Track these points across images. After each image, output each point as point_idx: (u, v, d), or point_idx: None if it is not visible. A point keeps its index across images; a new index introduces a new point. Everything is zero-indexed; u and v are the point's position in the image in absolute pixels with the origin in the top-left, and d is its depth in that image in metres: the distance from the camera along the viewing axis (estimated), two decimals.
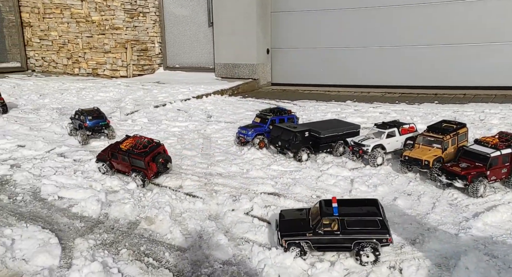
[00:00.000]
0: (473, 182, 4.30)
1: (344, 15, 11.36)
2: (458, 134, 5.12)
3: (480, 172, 4.37)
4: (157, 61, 13.57)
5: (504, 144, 4.48)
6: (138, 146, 4.68)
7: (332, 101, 9.51)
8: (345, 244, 3.32)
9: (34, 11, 13.15)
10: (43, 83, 11.11)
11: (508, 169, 4.49)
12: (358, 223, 3.30)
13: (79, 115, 6.23)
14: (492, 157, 4.40)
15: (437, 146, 4.95)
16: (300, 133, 5.56)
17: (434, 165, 4.81)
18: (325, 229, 3.32)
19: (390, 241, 3.29)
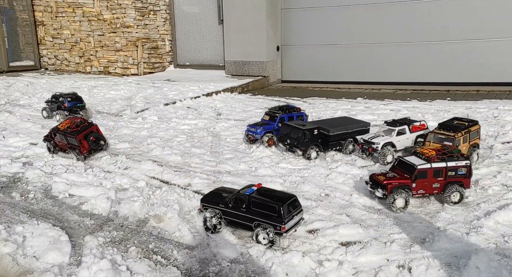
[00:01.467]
0: (392, 192, 4.03)
1: (355, 11, 11.25)
2: (470, 132, 5.03)
3: (403, 183, 4.10)
4: (167, 59, 13.63)
5: (441, 157, 4.11)
6: (71, 126, 5.38)
7: (343, 98, 9.44)
8: (247, 222, 3.65)
9: (47, 10, 13.31)
10: (56, 82, 11.26)
11: (441, 183, 4.13)
12: (261, 206, 3.59)
13: (57, 98, 7.19)
14: (419, 169, 4.06)
15: (448, 143, 4.87)
16: (309, 131, 5.54)
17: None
18: (234, 204, 3.69)
19: (283, 230, 3.46)
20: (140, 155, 5.79)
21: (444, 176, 4.14)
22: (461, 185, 4.16)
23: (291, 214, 3.56)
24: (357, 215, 4.06)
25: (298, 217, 3.67)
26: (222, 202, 3.78)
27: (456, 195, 4.14)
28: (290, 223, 3.56)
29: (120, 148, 6.09)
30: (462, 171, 4.17)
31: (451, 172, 4.14)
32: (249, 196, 3.66)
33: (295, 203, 3.66)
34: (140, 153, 5.90)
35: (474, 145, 5.13)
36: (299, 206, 3.70)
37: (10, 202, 4.19)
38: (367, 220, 3.97)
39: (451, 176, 4.14)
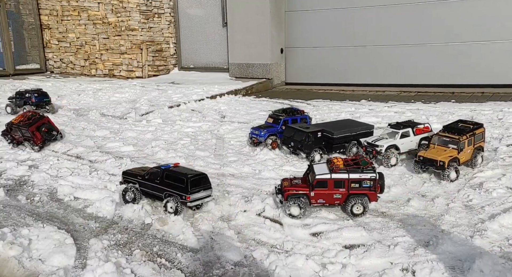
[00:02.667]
0: (288, 200, 4.02)
1: (358, 13, 11.25)
2: (475, 135, 5.00)
3: (302, 192, 4.06)
4: (172, 62, 13.69)
5: (347, 168, 4.03)
6: (24, 119, 5.71)
7: (347, 100, 9.43)
8: (159, 192, 4.00)
9: (53, 13, 13.42)
10: (61, 85, 11.33)
11: (343, 194, 4.06)
12: (172, 178, 3.94)
13: (23, 95, 7.63)
14: (318, 179, 4.01)
15: (453, 146, 4.84)
16: (312, 134, 5.55)
17: (449, 165, 4.73)
18: (150, 177, 4.09)
19: (188, 199, 3.88)
20: (144, 158, 5.83)
21: (346, 187, 4.07)
22: (366, 197, 4.07)
23: (198, 188, 3.95)
24: (361, 218, 4.06)
25: (205, 193, 4.06)
26: (140, 175, 4.16)
27: (359, 208, 4.06)
28: (195, 196, 3.97)
29: (125, 150, 6.12)
30: (367, 183, 4.07)
31: (355, 183, 4.06)
32: (163, 170, 4.05)
33: (204, 180, 4.06)
34: (144, 156, 5.93)
35: (478, 147, 5.09)
36: (208, 183, 4.10)
37: (16, 205, 4.24)
38: (371, 223, 3.97)
39: (355, 188, 4.07)
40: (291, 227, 3.94)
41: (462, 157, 4.86)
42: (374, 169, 4.14)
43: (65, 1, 13.14)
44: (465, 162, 4.97)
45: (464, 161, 4.93)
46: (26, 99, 7.79)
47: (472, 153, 5.00)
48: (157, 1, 12.82)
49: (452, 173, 4.74)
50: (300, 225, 3.96)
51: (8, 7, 12.77)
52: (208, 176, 4.15)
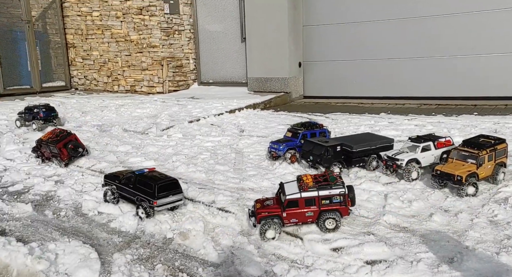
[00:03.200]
0: (261, 222, 3.97)
1: (377, 27, 11.27)
2: (496, 150, 4.88)
3: (274, 213, 4.00)
4: (191, 77, 13.94)
5: (316, 186, 4.01)
6: (52, 136, 5.97)
7: (366, 113, 9.38)
8: (132, 196, 4.41)
9: (78, 32, 13.91)
10: (85, 101, 11.66)
11: (315, 212, 4.03)
12: (143, 184, 4.32)
13: (31, 110, 8.04)
14: (288, 199, 3.98)
15: (471, 161, 4.75)
16: (331, 148, 5.54)
17: (467, 180, 4.64)
18: (126, 181, 4.50)
19: (154, 203, 4.23)
20: (165, 172, 5.91)
21: (317, 205, 4.04)
22: (337, 213, 4.06)
23: (166, 193, 4.30)
24: (382, 233, 4.01)
25: (175, 198, 4.40)
26: (118, 179, 4.61)
27: (331, 223, 4.05)
28: (163, 200, 4.30)
29: (147, 165, 6.23)
30: (337, 199, 4.06)
31: (325, 200, 4.05)
32: (136, 175, 4.45)
33: (173, 185, 4.40)
34: (165, 170, 6.01)
35: (500, 163, 4.97)
36: (178, 188, 4.44)
37: (43, 220, 4.36)
38: (393, 238, 3.92)
39: (326, 204, 4.05)
40: (311, 242, 3.93)
41: (481, 172, 4.75)
42: (343, 183, 4.14)
43: (90, 20, 13.63)
44: (485, 177, 4.87)
45: (484, 177, 4.83)
46: (35, 114, 8.23)
47: (493, 169, 4.88)
48: (177, 19, 13.16)
49: (470, 188, 4.64)
50: (320, 240, 3.95)
51: (36, 28, 13.31)
52: (178, 181, 4.49)
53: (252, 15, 12.07)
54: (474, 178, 4.68)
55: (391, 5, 11.00)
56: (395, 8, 10.95)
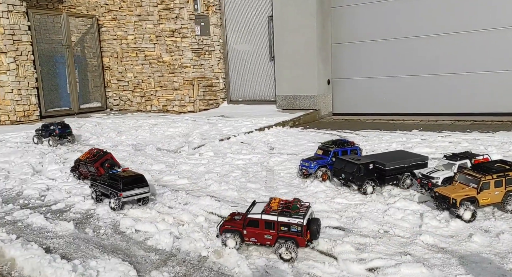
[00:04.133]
0: (222, 235, 4.13)
1: (407, 43, 11.21)
2: (507, 177, 4.57)
3: (236, 228, 4.13)
4: (221, 96, 14.22)
5: (278, 211, 4.03)
6: (90, 156, 6.25)
7: (397, 130, 9.26)
8: (106, 192, 5.25)
9: (114, 55, 14.54)
10: (120, 121, 12.08)
11: (273, 236, 4.03)
12: (113, 180, 5.17)
13: (48, 127, 8.78)
14: (250, 218, 4.09)
15: (473, 185, 4.54)
16: (364, 166, 5.50)
17: (461, 204, 4.45)
18: (103, 180, 5.36)
19: (120, 195, 5.05)
20: (198, 190, 6.03)
21: (276, 230, 4.03)
22: (293, 242, 3.97)
23: (131, 186, 5.10)
24: (420, 253, 3.92)
25: (141, 190, 5.19)
26: (100, 179, 5.44)
27: (286, 253, 3.94)
28: (128, 193, 5.08)
29: (180, 183, 6.39)
30: (295, 228, 3.99)
31: (284, 227, 4.01)
32: (110, 174, 5.29)
33: (139, 180, 5.20)
34: (198, 188, 6.14)
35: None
36: (144, 182, 5.24)
37: (84, 238, 4.52)
38: (431, 259, 3.83)
39: (284, 231, 4.02)
40: (346, 261, 3.89)
41: (485, 198, 4.51)
42: (305, 215, 4.07)
43: (125, 43, 14.24)
44: (491, 204, 4.63)
45: (489, 203, 4.58)
46: (51, 131, 8.83)
47: (504, 196, 4.60)
48: (208, 40, 13.55)
49: (466, 213, 4.43)
50: (355, 259, 3.90)
51: (75, 52, 14.03)
52: (144, 177, 5.31)
53: (281, 34, 12.28)
54: (472, 202, 4.47)
55: (423, 21, 10.94)
56: (427, 24, 10.88)
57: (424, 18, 10.89)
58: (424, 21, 10.89)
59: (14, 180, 6.64)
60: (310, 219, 4.13)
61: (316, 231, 4.13)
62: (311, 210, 4.24)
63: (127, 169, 5.53)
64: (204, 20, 13.38)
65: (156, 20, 13.45)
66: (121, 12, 14.10)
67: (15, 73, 12.12)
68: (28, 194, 6.03)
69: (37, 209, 5.42)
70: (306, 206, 4.23)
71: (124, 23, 14.10)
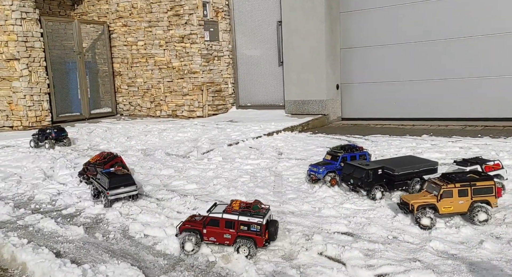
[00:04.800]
0: (182, 234, 4.21)
1: (417, 47, 11.17)
2: (473, 186, 4.50)
3: (195, 227, 4.24)
4: (230, 101, 14.28)
5: (238, 210, 4.18)
6: (100, 159, 6.42)
7: (407, 135, 9.20)
8: (99, 190, 5.66)
9: (124, 61, 14.71)
10: (130, 126, 12.20)
11: (233, 235, 4.13)
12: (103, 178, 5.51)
13: (44, 131, 9.14)
14: (210, 217, 4.21)
15: (435, 193, 4.57)
16: (373, 171, 5.47)
17: (418, 210, 4.48)
18: (98, 178, 5.73)
19: (107, 194, 5.42)
20: (207, 195, 6.06)
21: (236, 229, 4.10)
22: (252, 241, 4.07)
23: (118, 185, 5.42)
24: (429, 259, 3.89)
25: (128, 189, 5.52)
26: (95, 178, 5.85)
27: (245, 250, 4.07)
28: (115, 191, 5.41)
29: (189, 188, 6.42)
30: (255, 227, 4.08)
31: (244, 226, 4.10)
32: (102, 173, 5.59)
33: (126, 179, 5.55)
34: (207, 194, 6.17)
35: (483, 201, 4.55)
36: (131, 181, 5.57)
37: (94, 242, 4.57)
38: (441, 265, 3.78)
39: (243, 230, 4.10)
40: (355, 267, 3.87)
41: (447, 206, 4.49)
42: (265, 215, 4.17)
43: (135, 49, 14.41)
44: (456, 213, 4.60)
45: (452, 212, 4.55)
46: (47, 134, 9.18)
47: (470, 206, 4.53)
48: (217, 45, 13.64)
49: (423, 219, 4.44)
50: (364, 265, 3.88)
51: (86, 58, 14.22)
52: (130, 175, 5.69)
53: (289, 39, 12.32)
54: (431, 210, 4.47)
55: (433, 25, 10.89)
56: (436, 29, 10.84)
57: (434, 22, 10.84)
58: (433, 25, 10.84)
59: (26, 184, 6.74)
60: (269, 220, 4.27)
61: (274, 232, 4.26)
62: (270, 212, 4.38)
63: (119, 168, 5.85)
64: (213, 26, 13.48)
65: (166, 26, 13.60)
66: (131, 18, 14.29)
67: (28, 79, 12.33)
68: (39, 198, 6.11)
69: (48, 214, 5.49)
70: (266, 208, 4.37)
71: (134, 29, 14.27)
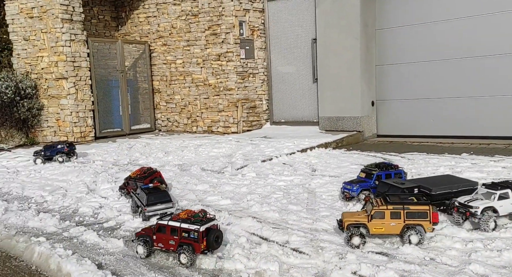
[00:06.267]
0: (136, 239, 4.57)
1: (456, 64, 10.93)
2: (407, 210, 4.54)
3: (147, 233, 4.57)
4: (264, 117, 14.44)
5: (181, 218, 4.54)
6: (141, 173, 6.71)
7: (445, 153, 8.94)
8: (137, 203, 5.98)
9: (163, 79, 15.29)
10: (167, 142, 12.58)
11: (176, 242, 4.34)
12: (142, 194, 5.85)
13: (54, 147, 9.86)
14: (159, 223, 4.47)
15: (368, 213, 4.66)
16: (408, 190, 5.39)
17: (348, 229, 4.61)
18: (137, 192, 6.07)
19: (145, 210, 5.74)
20: (240, 211, 6.15)
21: (178, 235, 4.34)
22: (190, 247, 4.30)
23: (155, 202, 5.67)
24: None
25: (164, 206, 5.72)
26: (135, 193, 6.13)
27: (183, 258, 4.33)
28: (152, 208, 5.66)
29: (223, 204, 6.54)
30: (194, 234, 4.31)
31: (185, 233, 4.34)
32: (141, 188, 5.93)
33: (164, 196, 5.78)
34: (240, 209, 6.26)
35: (416, 225, 4.57)
36: (168, 198, 5.78)
37: (132, 255, 4.75)
38: None
39: (184, 237, 4.34)
40: None
41: (378, 227, 4.55)
42: (204, 223, 4.42)
43: (174, 67, 14.96)
44: (388, 234, 4.65)
45: (383, 233, 4.60)
46: (59, 149, 9.87)
47: (402, 229, 4.56)
48: (252, 63, 13.93)
49: (354, 238, 4.51)
50: None
51: (128, 76, 14.91)
52: (167, 192, 5.95)
53: (324, 56, 12.39)
54: (361, 229, 4.55)
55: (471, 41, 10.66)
56: (475, 45, 10.59)
57: (472, 38, 10.59)
58: (472, 41, 10.59)
59: (71, 198, 7.11)
60: (210, 229, 4.49)
61: (213, 241, 4.48)
62: (214, 222, 4.60)
63: (157, 184, 6.13)
64: (249, 44, 13.81)
65: (203, 45, 14.06)
66: (171, 38, 14.89)
67: (74, 97, 13.07)
68: (83, 211, 6.44)
69: (90, 226, 5.77)
70: (210, 218, 4.62)
71: (173, 48, 14.85)
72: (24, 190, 7.80)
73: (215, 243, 4.51)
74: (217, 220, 4.70)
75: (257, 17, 13.94)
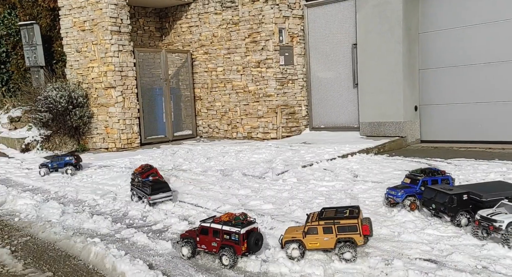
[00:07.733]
0: (180, 240, 4.92)
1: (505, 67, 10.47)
2: (337, 225, 4.54)
3: (191, 235, 4.82)
4: (303, 123, 14.44)
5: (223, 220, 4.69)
6: (140, 169, 7.35)
7: (495, 159, 8.57)
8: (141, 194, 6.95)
9: (204, 86, 15.68)
10: (209, 148, 12.87)
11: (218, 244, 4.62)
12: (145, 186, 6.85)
13: (62, 158, 10.03)
14: (201, 226, 4.74)
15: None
16: (457, 196, 5.24)
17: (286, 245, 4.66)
18: (139, 183, 6.98)
19: (149, 199, 6.69)
20: (283, 216, 6.21)
21: (221, 237, 4.44)
22: (232, 249, 4.44)
23: (157, 191, 6.65)
24: None
25: (165, 194, 6.73)
26: (136, 185, 7.06)
27: (225, 259, 4.41)
28: (155, 196, 6.61)
29: (265, 208, 6.64)
30: (235, 236, 4.38)
31: (226, 235, 4.43)
32: (143, 181, 6.81)
33: (164, 186, 6.83)
34: (283, 214, 6.32)
35: (348, 239, 4.53)
36: (167, 187, 6.83)
37: (181, 257, 4.93)
38: None
39: (226, 239, 4.43)
40: None
41: (313, 242, 4.59)
42: (245, 226, 4.48)
43: (215, 75, 15.32)
44: (322, 248, 4.66)
45: (318, 248, 4.62)
46: (68, 161, 10.01)
47: (335, 243, 4.54)
48: (291, 69, 14.01)
49: (293, 252, 4.57)
50: None
51: (171, 84, 15.44)
52: (167, 184, 6.95)
53: (365, 61, 12.25)
54: (298, 244, 4.58)
55: None
56: None
57: None
58: None
59: (120, 201, 7.45)
60: (250, 232, 4.56)
61: (254, 243, 4.55)
62: (254, 225, 4.67)
63: (156, 178, 6.91)
64: (289, 51, 13.91)
65: (244, 52, 14.31)
66: (212, 46, 15.27)
67: (122, 105, 13.69)
68: (132, 214, 6.74)
69: (140, 229, 6.03)
70: (250, 221, 4.69)
71: (214, 56, 15.22)
72: (78, 193, 8.27)
73: (255, 245, 4.61)
74: (257, 223, 4.80)
75: (296, 24, 14.02)
